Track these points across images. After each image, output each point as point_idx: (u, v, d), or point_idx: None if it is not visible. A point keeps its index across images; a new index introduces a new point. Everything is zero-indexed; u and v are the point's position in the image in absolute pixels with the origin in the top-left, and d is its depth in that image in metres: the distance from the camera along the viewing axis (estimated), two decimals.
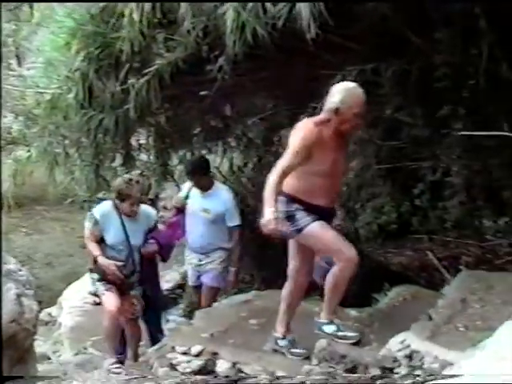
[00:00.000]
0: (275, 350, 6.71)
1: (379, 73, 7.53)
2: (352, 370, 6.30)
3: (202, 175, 8.36)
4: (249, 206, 8.81)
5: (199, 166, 8.43)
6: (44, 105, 8.98)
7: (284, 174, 6.05)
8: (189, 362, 7.11)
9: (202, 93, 8.11)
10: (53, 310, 10.64)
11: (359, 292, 7.24)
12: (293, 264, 6.52)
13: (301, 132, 6.14)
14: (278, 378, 6.35)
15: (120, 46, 7.81)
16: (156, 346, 7.59)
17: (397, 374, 5.91)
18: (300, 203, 6.18)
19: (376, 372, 6.09)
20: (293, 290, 6.60)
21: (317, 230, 6.17)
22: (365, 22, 7.18)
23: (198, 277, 8.58)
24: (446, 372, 5.46)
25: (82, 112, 8.59)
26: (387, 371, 6.01)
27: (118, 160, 9.36)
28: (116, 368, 7.57)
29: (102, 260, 7.81)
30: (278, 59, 7.67)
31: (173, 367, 7.12)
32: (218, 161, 9.45)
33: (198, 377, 6.70)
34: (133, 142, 9.39)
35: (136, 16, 7.20)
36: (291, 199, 6.20)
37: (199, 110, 9.03)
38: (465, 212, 7.85)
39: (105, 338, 8.12)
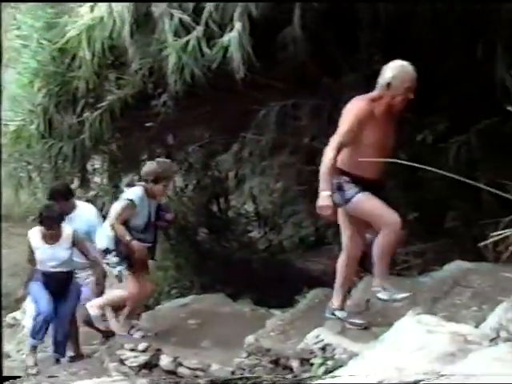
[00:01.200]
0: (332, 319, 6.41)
1: (298, 107, 7.72)
2: (276, 361, 6.45)
3: (64, 200, 7.85)
4: (190, 222, 8.91)
5: (60, 192, 7.95)
6: (9, 135, 8.90)
7: (338, 151, 5.76)
8: (136, 357, 7.21)
9: (148, 124, 8.18)
10: (17, 314, 10.57)
11: (283, 294, 7.31)
12: (345, 236, 6.16)
13: (354, 109, 5.87)
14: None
15: (77, 84, 7.88)
16: (106, 345, 7.56)
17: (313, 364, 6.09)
18: (348, 176, 5.88)
19: (296, 363, 6.27)
20: (347, 262, 6.21)
21: (362, 200, 5.88)
22: (286, 65, 7.27)
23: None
24: (352, 361, 5.66)
25: (43, 141, 8.62)
26: (305, 362, 6.17)
27: (76, 183, 9.35)
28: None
29: (135, 243, 7.23)
30: (213, 96, 7.74)
31: (122, 362, 7.22)
32: None
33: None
34: (88, 166, 9.34)
35: (88, 56, 7.21)
36: (340, 172, 5.86)
37: (146, 139, 9.04)
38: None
39: (125, 317, 7.53)
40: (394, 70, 5.75)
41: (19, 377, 7.02)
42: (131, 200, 7.21)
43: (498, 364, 4.43)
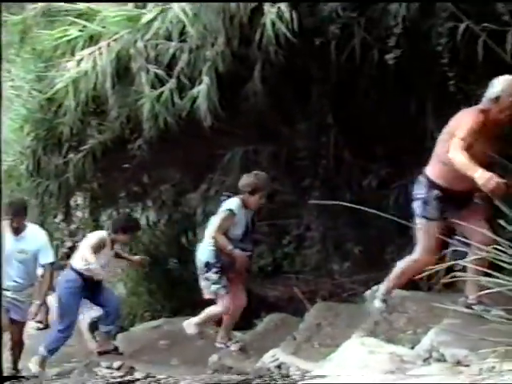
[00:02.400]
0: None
1: (258, 152, 7.76)
2: (238, 375, 6.45)
3: (21, 216, 7.45)
4: (161, 253, 8.89)
5: (18, 207, 7.48)
6: (2, 174, 8.80)
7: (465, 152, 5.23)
8: (111, 374, 7.15)
9: (125, 165, 8.17)
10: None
11: (243, 318, 7.28)
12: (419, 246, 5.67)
13: (469, 120, 5.32)
14: None
15: (62, 130, 7.81)
16: (84, 362, 7.45)
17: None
18: (440, 189, 5.48)
19: (255, 380, 6.25)
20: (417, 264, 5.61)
21: (427, 226, 5.50)
22: (248, 114, 7.34)
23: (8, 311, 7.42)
24: (304, 378, 5.66)
25: (31, 180, 8.52)
26: (263, 379, 6.15)
27: (60, 216, 9.31)
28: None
29: (238, 253, 6.82)
30: (183, 141, 7.73)
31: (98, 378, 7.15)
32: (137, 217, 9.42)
33: None
34: (71, 202, 9.29)
35: (73, 105, 7.18)
36: (432, 184, 5.50)
37: (123, 178, 8.99)
38: (320, 258, 8.05)
39: (224, 331, 7.14)
40: (504, 84, 5.29)
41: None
42: (231, 210, 6.84)
43: (431, 381, 4.48)
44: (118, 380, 6.94)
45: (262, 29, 6.43)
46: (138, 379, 6.66)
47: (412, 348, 5.44)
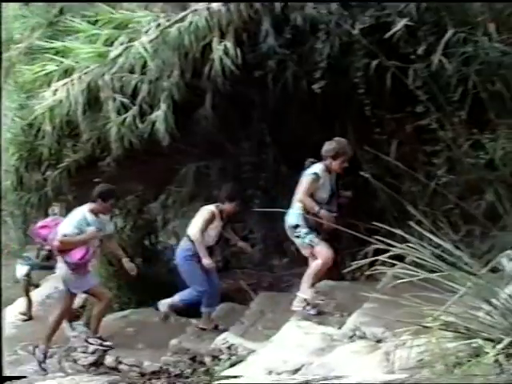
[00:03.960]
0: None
1: (209, 167, 7.77)
2: (193, 357, 6.44)
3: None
4: (128, 253, 8.79)
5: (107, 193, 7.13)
6: None
7: None
8: (86, 357, 7.09)
9: (96, 180, 8.08)
10: None
11: (199, 307, 7.25)
12: None
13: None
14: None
15: (41, 150, 7.70)
16: (63, 348, 7.34)
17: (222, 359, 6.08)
18: None
19: (208, 358, 6.25)
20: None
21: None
22: (200, 135, 7.38)
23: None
24: (250, 356, 5.69)
25: (15, 193, 8.29)
26: (215, 358, 6.16)
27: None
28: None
29: (324, 213, 6.16)
30: (145, 158, 7.66)
31: (74, 361, 7.08)
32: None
33: None
34: (49, 211, 9.15)
35: (50, 129, 7.10)
36: None
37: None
38: (262, 255, 8.10)
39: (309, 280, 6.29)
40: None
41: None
42: (315, 173, 6.24)
43: (355, 355, 4.54)
44: (92, 362, 6.94)
45: (212, 63, 6.49)
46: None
47: (339, 328, 5.52)
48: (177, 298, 7.05)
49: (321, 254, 6.22)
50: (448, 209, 6.05)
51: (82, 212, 7.08)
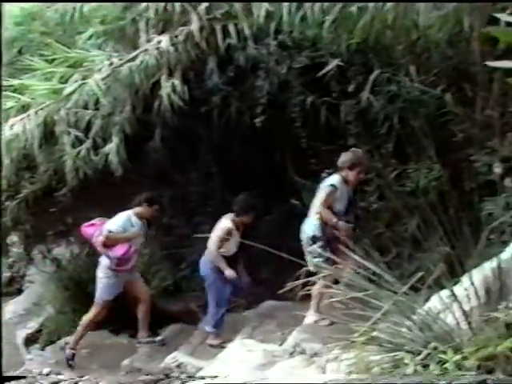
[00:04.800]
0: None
1: (160, 196, 7.73)
2: (146, 375, 6.36)
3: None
4: (83, 278, 8.66)
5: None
6: None
7: None
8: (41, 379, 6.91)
9: (53, 209, 7.99)
10: None
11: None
12: None
13: None
14: None
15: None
16: (19, 371, 7.04)
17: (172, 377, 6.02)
18: None
19: (160, 376, 6.18)
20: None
21: None
22: (151, 166, 7.40)
23: None
24: (198, 374, 5.66)
25: None
26: (166, 376, 6.10)
27: None
28: None
29: (342, 223, 5.89)
30: (99, 188, 7.56)
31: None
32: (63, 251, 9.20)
33: None
34: (8, 240, 8.98)
35: (8, 162, 6.98)
36: None
37: (51, 220, 8.68)
38: None
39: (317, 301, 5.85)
40: None
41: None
42: (333, 185, 5.94)
43: (293, 369, 4.57)
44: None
45: (160, 99, 6.51)
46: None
47: (280, 345, 5.55)
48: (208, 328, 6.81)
49: (319, 283, 5.50)
50: (378, 233, 6.17)
51: (128, 214, 7.06)
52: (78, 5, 6.94)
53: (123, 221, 7.00)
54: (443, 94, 6.08)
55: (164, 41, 6.56)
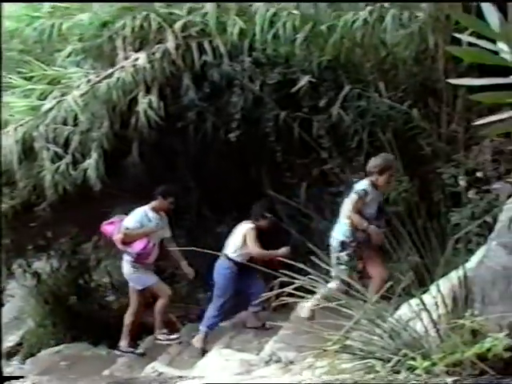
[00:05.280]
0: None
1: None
2: None
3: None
4: (63, 292, 8.57)
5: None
6: None
7: None
8: None
9: (32, 224, 7.90)
10: None
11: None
12: None
13: None
14: None
15: None
16: None
17: None
18: None
19: None
20: None
21: None
22: (129, 181, 7.36)
23: None
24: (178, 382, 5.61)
25: None
26: None
27: None
28: None
29: (373, 229, 5.61)
30: (79, 202, 7.43)
31: None
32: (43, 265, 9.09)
33: None
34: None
35: None
36: None
37: (31, 234, 8.50)
38: (189, 290, 7.99)
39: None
40: None
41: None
42: (363, 189, 5.65)
43: (269, 378, 4.55)
44: None
45: (138, 115, 6.51)
46: None
47: (257, 354, 5.53)
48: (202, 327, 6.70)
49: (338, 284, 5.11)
50: None
51: (144, 209, 6.88)
52: (57, 23, 6.96)
53: (140, 216, 6.85)
54: (410, 110, 6.18)
55: (141, 58, 6.59)
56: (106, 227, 7.15)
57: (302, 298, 3.76)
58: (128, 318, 7.07)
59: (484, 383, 2.56)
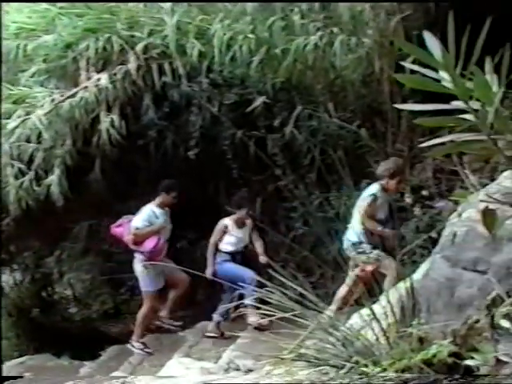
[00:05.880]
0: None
1: (100, 225, 7.58)
2: None
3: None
4: (26, 305, 8.37)
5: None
6: None
7: None
8: None
9: None
10: None
11: (91, 351, 6.99)
12: None
13: None
14: None
15: None
16: None
17: None
18: None
19: None
20: None
21: None
22: (92, 196, 7.22)
23: None
24: None
25: None
26: None
27: None
28: None
29: (387, 230, 5.38)
30: (42, 217, 7.26)
31: None
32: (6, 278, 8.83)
33: None
34: None
35: None
36: None
37: None
38: None
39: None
40: None
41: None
42: (373, 194, 5.43)
43: None
44: None
45: (100, 133, 6.45)
46: None
47: (216, 362, 5.49)
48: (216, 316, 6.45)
49: (390, 267, 5.16)
50: (304, 256, 6.23)
51: (150, 207, 6.55)
52: (22, 43, 6.85)
53: (147, 215, 6.53)
54: (359, 129, 6.28)
55: (103, 78, 6.54)
56: (115, 229, 6.75)
57: (259, 309, 3.77)
58: (140, 317, 6.70)
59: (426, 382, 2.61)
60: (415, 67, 2.25)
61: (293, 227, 6.47)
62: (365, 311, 3.22)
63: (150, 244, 6.48)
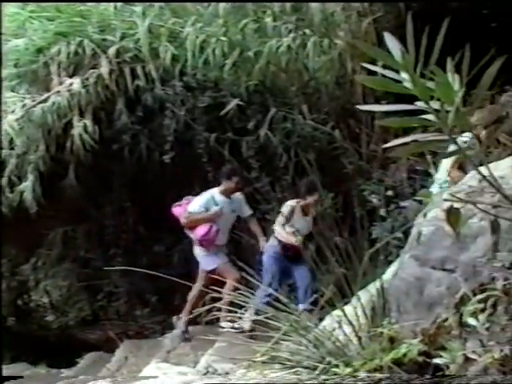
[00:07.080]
0: None
1: (76, 231, 7.54)
2: None
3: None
4: (1, 314, 8.23)
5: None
6: None
7: None
8: None
9: None
10: None
11: (69, 358, 6.93)
12: None
13: None
14: None
15: None
16: None
17: None
18: None
19: None
20: None
21: None
22: (66, 202, 7.14)
23: None
24: None
25: None
26: None
27: None
28: None
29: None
30: (16, 224, 7.11)
31: None
32: None
33: None
34: None
35: None
36: None
37: None
38: (126, 307, 7.85)
39: None
40: None
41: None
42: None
43: None
44: None
45: (73, 138, 6.40)
46: None
47: (194, 367, 5.47)
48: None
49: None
50: None
51: (212, 192, 6.20)
52: None
53: (206, 200, 6.16)
54: (333, 131, 6.30)
55: (75, 83, 6.50)
56: (175, 209, 6.39)
57: (233, 312, 3.77)
58: (191, 296, 6.34)
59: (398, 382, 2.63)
60: (377, 68, 2.27)
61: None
62: (336, 312, 3.24)
63: (200, 231, 6.16)
